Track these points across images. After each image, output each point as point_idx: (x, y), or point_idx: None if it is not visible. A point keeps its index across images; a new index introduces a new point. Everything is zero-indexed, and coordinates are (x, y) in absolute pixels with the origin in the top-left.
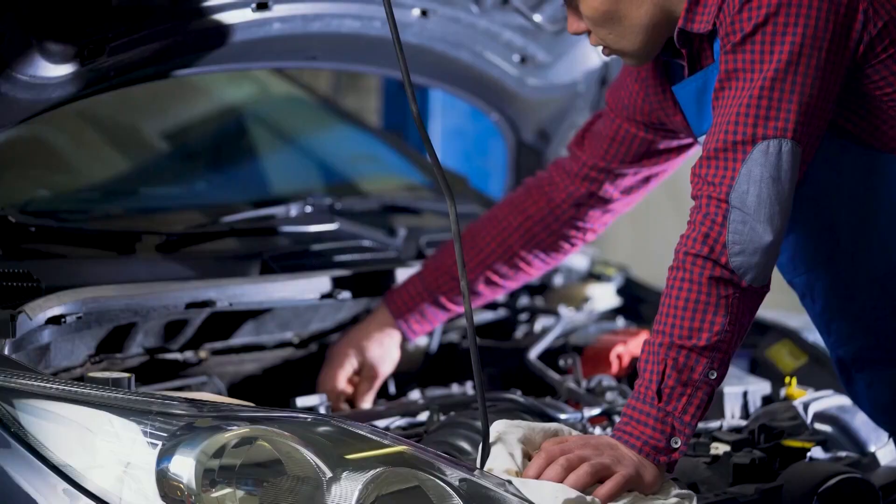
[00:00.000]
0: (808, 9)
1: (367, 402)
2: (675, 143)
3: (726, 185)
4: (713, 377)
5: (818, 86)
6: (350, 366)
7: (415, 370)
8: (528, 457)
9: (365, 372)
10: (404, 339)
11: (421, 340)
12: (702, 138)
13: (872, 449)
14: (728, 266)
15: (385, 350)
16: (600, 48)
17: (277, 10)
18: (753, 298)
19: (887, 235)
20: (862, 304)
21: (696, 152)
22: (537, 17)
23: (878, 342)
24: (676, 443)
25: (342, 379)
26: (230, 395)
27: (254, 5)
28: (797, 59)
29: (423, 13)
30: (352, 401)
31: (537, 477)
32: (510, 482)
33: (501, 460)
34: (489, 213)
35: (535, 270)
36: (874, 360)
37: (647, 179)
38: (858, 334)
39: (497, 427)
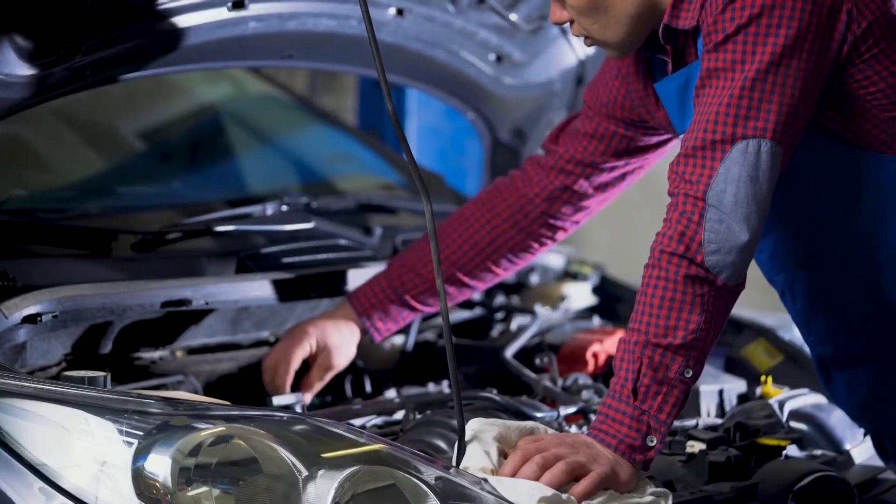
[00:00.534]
0: (791, 10)
1: (313, 391)
2: (654, 139)
3: (704, 184)
4: (689, 375)
5: (800, 86)
6: (308, 346)
7: (391, 369)
8: (503, 455)
9: (321, 359)
10: (366, 337)
11: (397, 339)
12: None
13: (848, 447)
14: (703, 265)
15: (344, 341)
16: (581, 40)
17: (253, 9)
18: (728, 297)
19: (870, 234)
20: (843, 302)
21: (674, 148)
22: (513, 17)
23: (859, 340)
24: (652, 441)
25: (298, 356)
26: (206, 394)
27: (230, 4)
28: (779, 59)
29: (399, 12)
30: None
31: (513, 475)
32: (486, 480)
33: (477, 458)
34: (457, 212)
35: (503, 271)
36: (854, 358)
37: (623, 176)
38: (839, 332)
39: (472, 425)
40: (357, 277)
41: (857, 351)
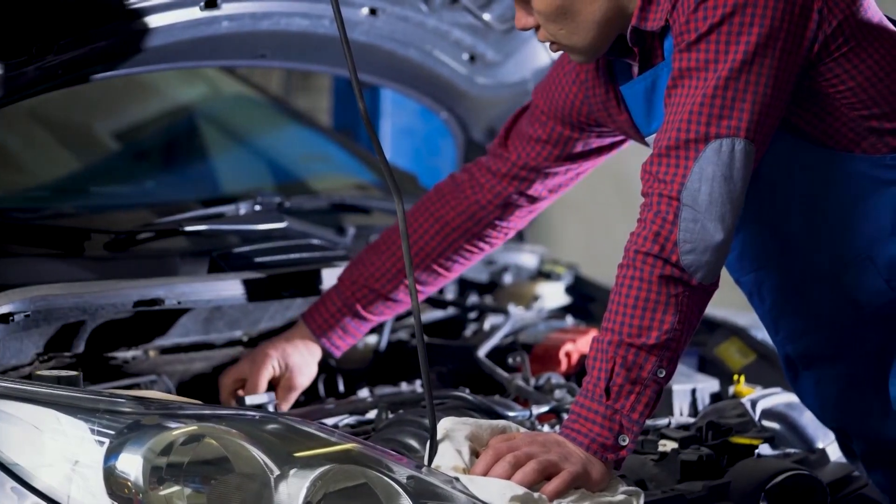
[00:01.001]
0: (763, 9)
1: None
2: (608, 140)
3: (678, 183)
4: (662, 375)
5: (772, 85)
6: (272, 367)
7: (364, 368)
8: (475, 454)
9: (284, 380)
10: (327, 356)
11: (370, 339)
12: (650, 138)
13: (820, 445)
14: (678, 264)
15: (305, 361)
16: (548, 45)
17: (226, 9)
18: (702, 296)
19: (838, 233)
20: (811, 301)
21: (645, 147)
22: (486, 16)
23: (827, 339)
24: (624, 440)
25: (264, 378)
26: (179, 393)
27: (202, 3)
28: (752, 58)
29: (373, 12)
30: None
31: (485, 474)
32: (458, 479)
33: (449, 457)
34: (412, 225)
35: (452, 274)
36: (822, 358)
37: (577, 175)
38: (807, 331)
39: (444, 424)
40: (330, 277)
41: (825, 350)
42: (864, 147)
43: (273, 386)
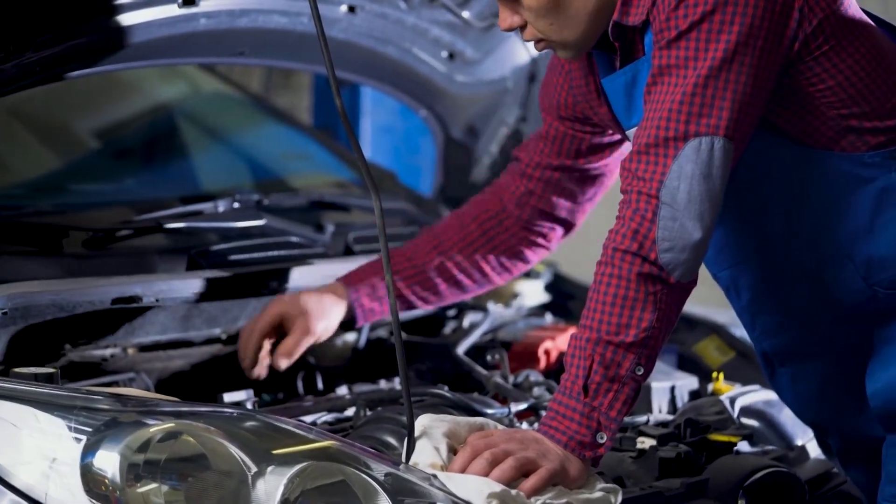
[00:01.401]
0: (744, 6)
1: (291, 357)
2: (603, 139)
3: (657, 181)
4: (640, 373)
5: (752, 83)
6: (281, 306)
7: (343, 366)
8: (453, 451)
9: (298, 322)
10: (351, 316)
11: (349, 336)
12: (630, 132)
13: (799, 443)
14: (657, 262)
15: (324, 309)
16: (531, 44)
17: (204, 6)
18: (680, 294)
19: (816, 231)
20: (788, 298)
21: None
22: (465, 14)
23: (803, 336)
24: (602, 438)
25: (270, 314)
26: (158, 391)
27: (180, 1)
28: (732, 56)
29: (351, 9)
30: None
31: (462, 471)
32: (435, 476)
33: (427, 454)
34: (452, 215)
35: (495, 274)
36: (798, 354)
37: (585, 180)
38: (784, 328)
39: (422, 421)
40: (308, 274)
41: (802, 347)
42: (843, 145)
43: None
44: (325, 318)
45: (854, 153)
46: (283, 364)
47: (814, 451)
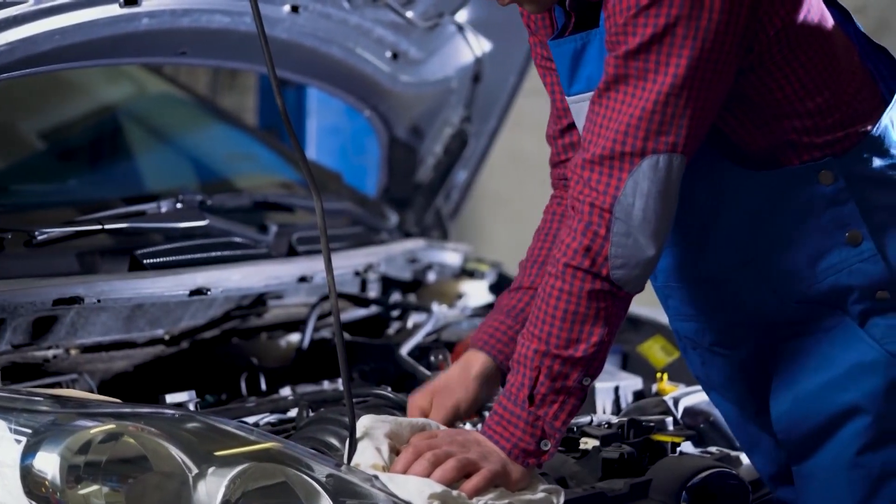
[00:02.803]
0: (707, 21)
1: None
2: None
3: (611, 196)
4: (587, 383)
5: (712, 97)
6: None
7: (286, 366)
8: (395, 451)
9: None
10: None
11: (292, 336)
12: (572, 98)
13: None
14: (608, 278)
15: (454, 377)
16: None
17: (146, 5)
18: (627, 300)
19: (732, 236)
20: (697, 293)
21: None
22: (409, 14)
23: (710, 331)
24: (546, 445)
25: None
26: (101, 392)
27: (122, 0)
28: (693, 73)
29: (294, 9)
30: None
31: (404, 471)
32: (377, 477)
33: (368, 455)
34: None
35: None
36: (705, 345)
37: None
38: (691, 318)
39: (364, 422)
40: (249, 274)
41: (708, 340)
42: (776, 156)
43: None
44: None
45: (782, 167)
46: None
47: None
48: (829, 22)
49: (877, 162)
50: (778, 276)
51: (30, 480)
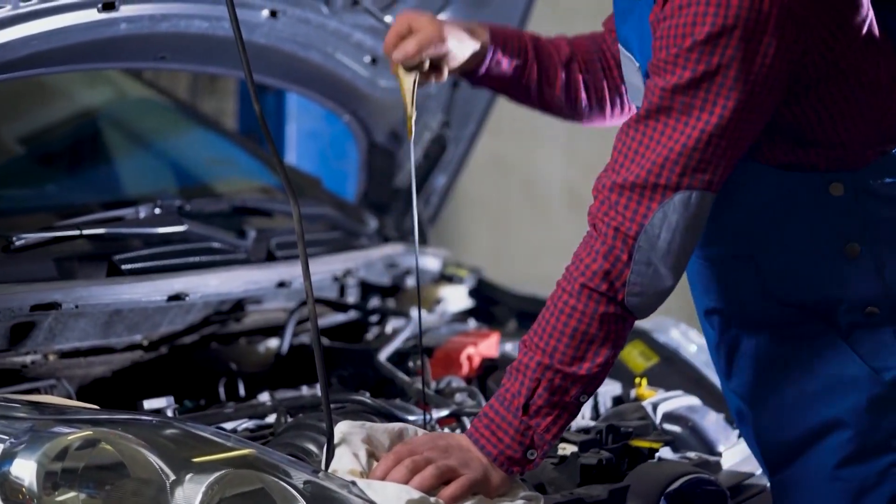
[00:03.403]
0: (759, 66)
1: (404, 55)
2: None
3: (638, 224)
4: (583, 400)
5: (751, 136)
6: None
7: (265, 372)
8: (372, 457)
9: (428, 26)
10: (480, 56)
11: (271, 342)
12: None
13: (721, 449)
14: (623, 303)
15: (460, 33)
16: None
17: (124, 10)
18: (632, 325)
19: (720, 231)
20: (690, 269)
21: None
22: (388, 19)
23: (698, 305)
24: (533, 455)
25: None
26: (79, 398)
27: (100, 5)
28: (739, 115)
29: (273, 14)
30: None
31: (383, 478)
32: (354, 483)
33: (346, 461)
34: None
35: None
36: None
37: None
38: (693, 287)
39: (341, 428)
40: (228, 280)
41: (699, 310)
42: (784, 164)
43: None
44: (459, 39)
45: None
46: (398, 57)
47: (733, 457)
48: (881, 53)
49: (887, 179)
50: (768, 274)
51: (7, 487)
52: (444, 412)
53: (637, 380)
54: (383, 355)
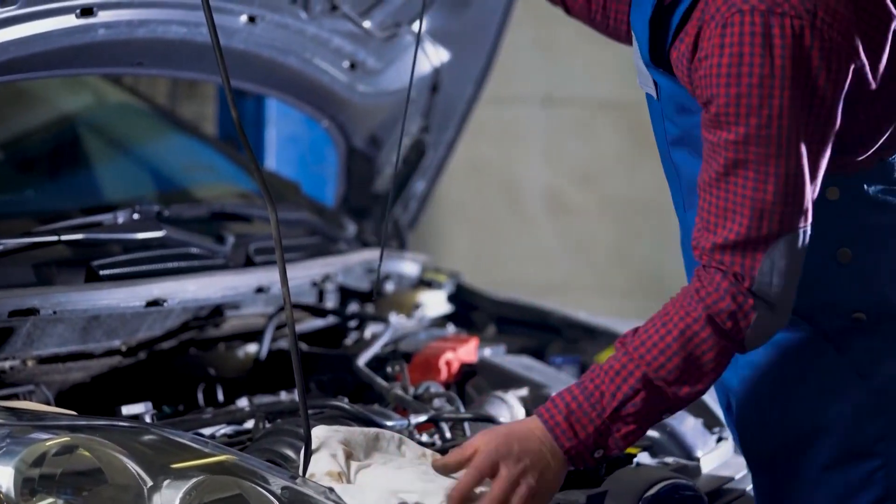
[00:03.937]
0: (820, 88)
1: None
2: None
3: (749, 277)
4: (665, 417)
5: (827, 154)
6: None
7: (243, 377)
8: (350, 457)
9: None
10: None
11: (250, 347)
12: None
13: (699, 454)
14: (741, 343)
15: None
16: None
17: (102, 16)
18: None
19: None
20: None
21: None
22: (367, 24)
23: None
24: (598, 454)
25: None
26: (58, 403)
27: (78, 11)
28: (815, 148)
29: (251, 19)
30: None
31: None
32: (332, 490)
33: (323, 463)
34: None
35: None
36: None
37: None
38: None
39: (318, 433)
40: (206, 285)
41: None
42: None
43: None
44: None
45: None
46: None
47: (711, 463)
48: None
49: (881, 185)
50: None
51: None
52: (423, 418)
53: None
54: (362, 361)
